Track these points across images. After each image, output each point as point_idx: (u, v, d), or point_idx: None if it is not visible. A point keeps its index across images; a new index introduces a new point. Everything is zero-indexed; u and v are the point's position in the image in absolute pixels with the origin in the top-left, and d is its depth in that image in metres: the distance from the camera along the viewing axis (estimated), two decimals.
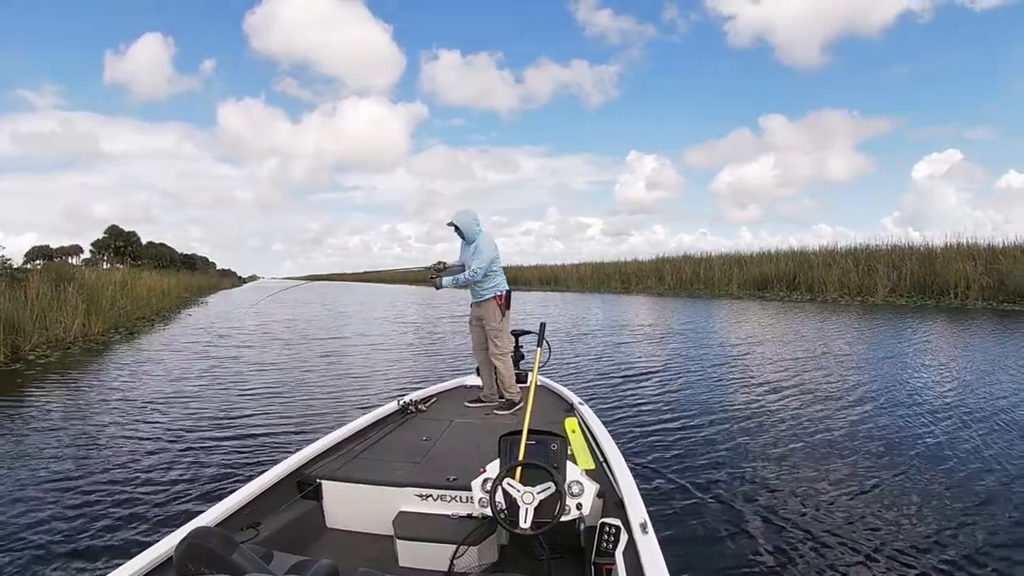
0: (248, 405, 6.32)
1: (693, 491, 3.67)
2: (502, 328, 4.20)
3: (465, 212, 4.18)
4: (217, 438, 5.00)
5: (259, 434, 5.12)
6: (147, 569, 1.81)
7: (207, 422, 5.56)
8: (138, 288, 18.78)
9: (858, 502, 3.48)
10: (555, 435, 2.25)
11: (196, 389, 7.24)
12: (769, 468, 4.10)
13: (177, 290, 26.67)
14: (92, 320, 12.83)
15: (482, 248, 4.11)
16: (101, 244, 62.44)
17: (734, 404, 5.97)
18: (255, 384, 7.52)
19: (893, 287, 19.37)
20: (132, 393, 6.99)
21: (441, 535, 2.35)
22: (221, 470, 4.18)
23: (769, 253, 26.41)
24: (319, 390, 7.09)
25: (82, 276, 14.93)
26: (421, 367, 8.79)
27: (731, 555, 2.91)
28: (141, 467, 4.29)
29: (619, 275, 33.21)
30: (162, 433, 5.19)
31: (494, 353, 4.16)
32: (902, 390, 6.43)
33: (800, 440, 4.71)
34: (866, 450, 4.44)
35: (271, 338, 12.98)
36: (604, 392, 6.63)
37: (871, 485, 3.75)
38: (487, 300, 4.21)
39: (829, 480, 3.85)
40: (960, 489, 3.66)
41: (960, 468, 4.01)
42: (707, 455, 4.37)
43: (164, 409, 6.14)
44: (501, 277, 4.27)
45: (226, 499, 2.33)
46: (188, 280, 35.16)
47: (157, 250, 65.41)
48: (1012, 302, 15.79)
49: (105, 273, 19.17)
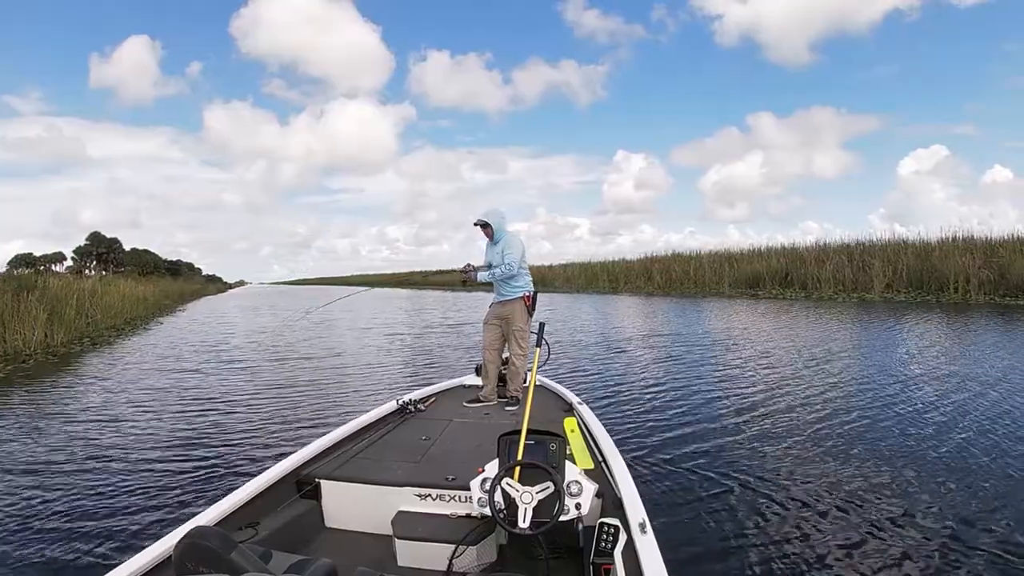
0: (247, 405, 6.32)
1: (692, 491, 3.65)
2: (527, 329, 4.25)
3: (495, 210, 4.25)
4: (216, 438, 5.02)
5: (258, 434, 5.13)
6: (146, 568, 1.80)
7: (206, 422, 5.57)
8: (110, 296, 18.32)
9: (860, 502, 3.42)
10: (554, 435, 2.26)
11: (196, 390, 7.23)
12: (769, 467, 4.04)
13: (155, 297, 25.99)
14: (55, 330, 12.31)
15: (512, 244, 4.20)
16: (83, 251, 61.50)
17: (732, 404, 5.86)
18: (254, 384, 7.52)
19: (889, 283, 18.98)
20: (131, 395, 7.01)
21: (440, 535, 2.33)
22: (220, 470, 4.18)
23: (760, 250, 26.07)
24: (319, 390, 7.10)
25: (45, 284, 14.32)
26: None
27: (730, 555, 2.87)
28: (141, 467, 4.28)
29: (607, 275, 32.81)
30: (162, 434, 5.20)
31: (516, 353, 4.22)
32: (910, 391, 6.18)
33: (800, 439, 4.64)
34: (869, 451, 4.33)
35: (272, 338, 13.09)
36: (601, 392, 6.54)
37: (874, 486, 3.66)
38: (515, 300, 4.25)
39: (829, 480, 3.79)
40: (970, 491, 3.55)
41: (974, 469, 3.88)
42: (706, 455, 4.33)
43: (163, 410, 6.16)
44: (529, 278, 4.33)
45: (225, 499, 2.32)
46: (168, 287, 34.44)
47: (140, 256, 64.59)
48: (1014, 296, 15.45)
49: (73, 281, 18.47)
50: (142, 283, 27.53)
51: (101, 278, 23.35)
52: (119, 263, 60.99)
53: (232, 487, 2.63)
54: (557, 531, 2.07)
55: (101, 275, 30.19)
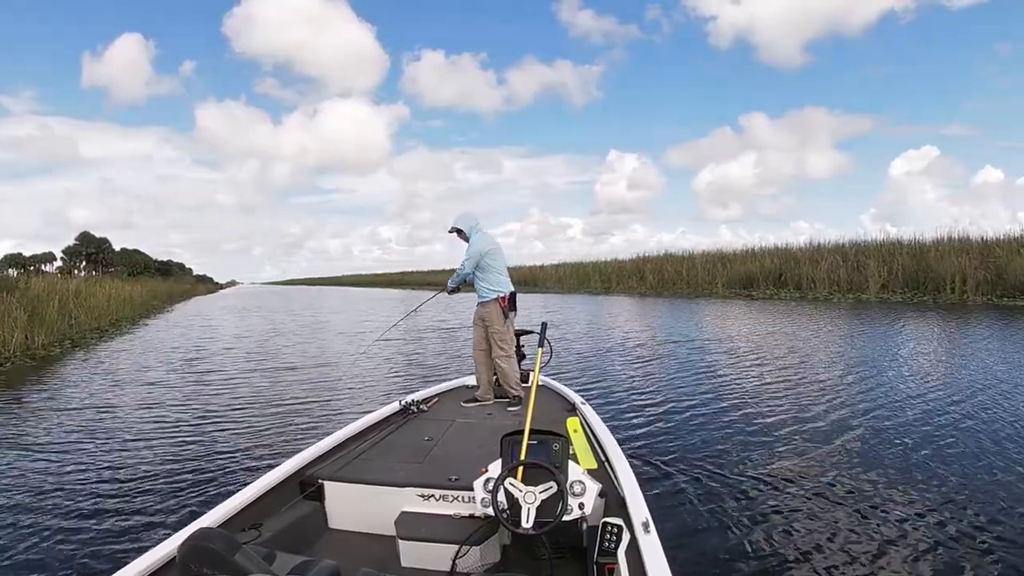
0: (250, 406, 6.28)
1: (696, 490, 3.63)
2: (505, 330, 4.20)
3: (463, 214, 4.29)
4: (219, 440, 5.00)
5: (261, 435, 5.12)
6: (150, 570, 1.78)
7: (209, 424, 5.54)
8: (95, 297, 18.03)
9: (863, 501, 3.40)
10: (557, 435, 2.25)
11: (196, 390, 7.20)
12: (773, 467, 4.02)
13: (143, 298, 25.64)
14: (36, 332, 11.98)
15: (470, 245, 4.19)
16: (72, 251, 60.80)
17: (734, 404, 5.83)
18: (256, 386, 7.49)
19: (885, 283, 18.87)
20: (129, 396, 7.01)
21: (443, 535, 2.33)
22: (223, 471, 4.17)
23: (753, 250, 25.87)
24: (321, 391, 7.08)
25: (27, 285, 14.01)
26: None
27: (734, 554, 2.85)
28: (144, 469, 4.27)
29: (599, 275, 32.58)
30: (164, 436, 5.18)
31: (497, 355, 4.18)
32: (913, 391, 6.10)
33: (803, 439, 4.61)
34: (871, 451, 4.31)
35: (273, 338, 13.14)
36: (602, 392, 6.52)
37: (877, 486, 3.64)
38: (490, 301, 4.21)
39: (834, 479, 3.77)
40: (972, 492, 3.52)
41: (974, 469, 3.88)
42: (709, 455, 4.31)
43: (166, 412, 6.11)
44: (503, 278, 4.25)
45: (228, 500, 2.32)
46: (157, 287, 34.07)
47: (131, 256, 63.98)
48: (1012, 296, 15.35)
49: (57, 282, 18.14)
50: (129, 283, 27.15)
51: (87, 278, 22.96)
52: (109, 263, 60.37)
53: (235, 489, 2.67)
54: (560, 531, 2.08)
55: (89, 275, 29.75)
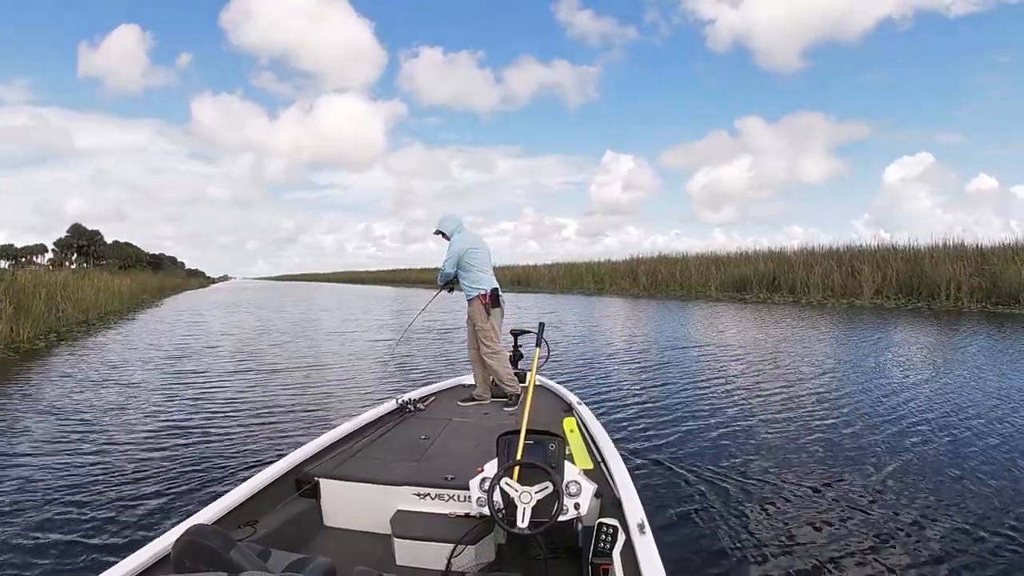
0: (246, 403, 6.21)
1: (691, 492, 3.64)
2: (488, 327, 4.19)
3: (445, 216, 4.29)
4: (214, 436, 4.95)
5: (257, 432, 5.07)
6: (145, 566, 1.79)
7: (204, 421, 5.49)
8: (83, 290, 17.79)
9: (858, 503, 3.42)
10: (553, 435, 2.25)
11: (194, 388, 7.10)
12: (768, 468, 4.03)
13: (132, 292, 25.35)
14: (21, 324, 11.80)
15: (449, 245, 4.21)
16: (63, 243, 60.26)
17: (730, 406, 5.83)
18: (253, 382, 7.42)
19: (879, 288, 18.87)
20: (120, 391, 6.95)
21: (439, 534, 2.31)
22: (219, 468, 4.14)
23: (747, 253, 25.83)
24: (318, 388, 7.05)
25: (13, 277, 13.78)
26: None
27: (729, 555, 2.86)
28: (139, 465, 4.22)
29: (592, 276, 32.52)
30: (160, 432, 5.13)
31: (485, 352, 4.17)
32: (910, 395, 6.10)
33: (800, 441, 4.63)
34: (869, 453, 4.32)
35: (271, 335, 13.04)
36: (600, 393, 6.48)
37: (874, 487, 3.65)
38: (473, 299, 4.23)
39: (829, 480, 3.78)
40: (971, 494, 3.52)
41: (971, 475, 3.85)
42: (705, 456, 4.32)
43: (161, 408, 6.05)
44: (485, 276, 4.25)
45: (224, 497, 2.31)
46: (147, 281, 33.65)
47: (122, 249, 63.44)
48: (1006, 304, 15.34)
49: (44, 274, 17.91)
50: (119, 277, 26.83)
51: (75, 271, 22.69)
52: (100, 256, 59.81)
53: (231, 485, 2.64)
54: (556, 531, 2.08)
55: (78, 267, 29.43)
